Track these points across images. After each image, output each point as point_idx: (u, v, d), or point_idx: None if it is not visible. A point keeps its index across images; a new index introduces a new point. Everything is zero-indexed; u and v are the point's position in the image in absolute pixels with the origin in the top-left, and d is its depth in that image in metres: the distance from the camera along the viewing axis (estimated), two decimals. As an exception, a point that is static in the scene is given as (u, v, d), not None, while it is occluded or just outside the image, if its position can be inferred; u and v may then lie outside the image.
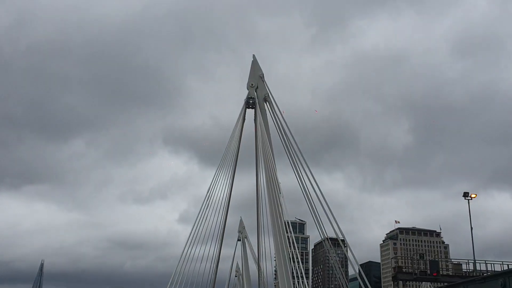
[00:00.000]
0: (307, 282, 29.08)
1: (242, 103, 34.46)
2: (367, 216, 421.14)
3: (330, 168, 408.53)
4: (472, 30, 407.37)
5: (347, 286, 28.30)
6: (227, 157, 34.13)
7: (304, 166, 27.32)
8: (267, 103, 33.57)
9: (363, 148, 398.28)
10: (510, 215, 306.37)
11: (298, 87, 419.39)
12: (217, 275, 48.97)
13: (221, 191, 35.86)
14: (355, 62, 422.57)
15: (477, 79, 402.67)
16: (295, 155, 28.36)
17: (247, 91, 33.72)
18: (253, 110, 34.14)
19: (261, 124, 32.60)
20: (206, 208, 32.78)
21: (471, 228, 39.18)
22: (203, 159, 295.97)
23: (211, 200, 33.67)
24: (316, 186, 26.04)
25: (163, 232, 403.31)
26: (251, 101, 33.76)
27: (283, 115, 31.13)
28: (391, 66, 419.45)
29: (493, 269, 35.65)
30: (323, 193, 25.96)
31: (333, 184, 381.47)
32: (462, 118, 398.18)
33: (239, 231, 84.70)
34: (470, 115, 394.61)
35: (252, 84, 33.50)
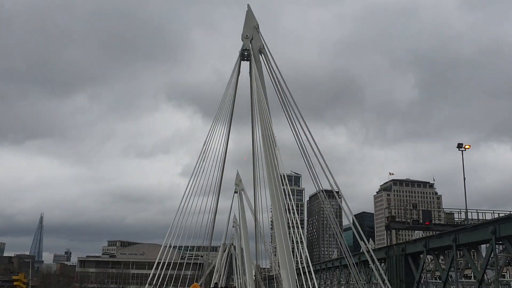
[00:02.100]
0: (302, 231, 29.72)
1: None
2: (366, 169, 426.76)
3: (334, 123, 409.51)
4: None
5: (341, 235, 29.00)
6: (222, 110, 33.99)
7: (299, 117, 27.22)
8: (262, 55, 33.06)
9: (367, 103, 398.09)
10: (509, 166, 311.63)
11: (306, 41, 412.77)
12: (215, 226, 49.89)
13: (218, 144, 36.00)
14: (365, 15, 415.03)
15: (486, 32, 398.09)
16: (290, 107, 28.21)
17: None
18: (248, 62, 33.65)
19: (256, 77, 32.24)
20: (203, 161, 32.98)
21: (464, 179, 39.81)
22: (207, 114, 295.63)
23: (208, 153, 33.83)
24: (311, 137, 26.11)
25: (165, 185, 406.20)
26: (245, 53, 33.18)
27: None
28: (400, 19, 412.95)
29: (484, 218, 36.54)
30: (317, 145, 26.03)
31: (336, 138, 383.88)
32: (468, 71, 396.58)
33: (236, 184, 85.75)
34: (477, 68, 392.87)
35: (246, 35, 32.73)
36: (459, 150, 41.58)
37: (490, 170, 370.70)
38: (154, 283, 26.86)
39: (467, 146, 42.00)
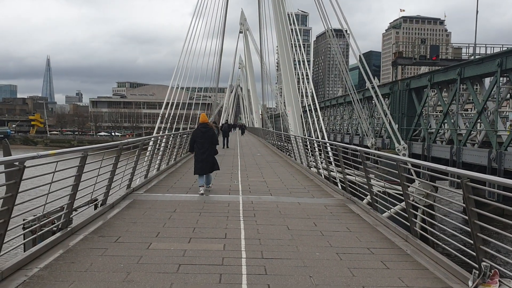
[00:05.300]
0: (308, 70, 29.92)
1: None
2: (386, 6, 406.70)
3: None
4: None
5: (347, 72, 29.21)
6: None
7: None
8: None
9: None
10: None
11: None
12: (221, 68, 50.21)
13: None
14: None
15: None
16: None
17: None
18: None
19: None
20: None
21: (477, 12, 38.29)
22: None
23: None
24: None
25: (176, 26, 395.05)
26: None
27: None
28: None
29: (492, 52, 36.14)
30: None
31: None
32: None
33: (241, 23, 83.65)
34: None
35: None
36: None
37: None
38: (165, 120, 28.09)
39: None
